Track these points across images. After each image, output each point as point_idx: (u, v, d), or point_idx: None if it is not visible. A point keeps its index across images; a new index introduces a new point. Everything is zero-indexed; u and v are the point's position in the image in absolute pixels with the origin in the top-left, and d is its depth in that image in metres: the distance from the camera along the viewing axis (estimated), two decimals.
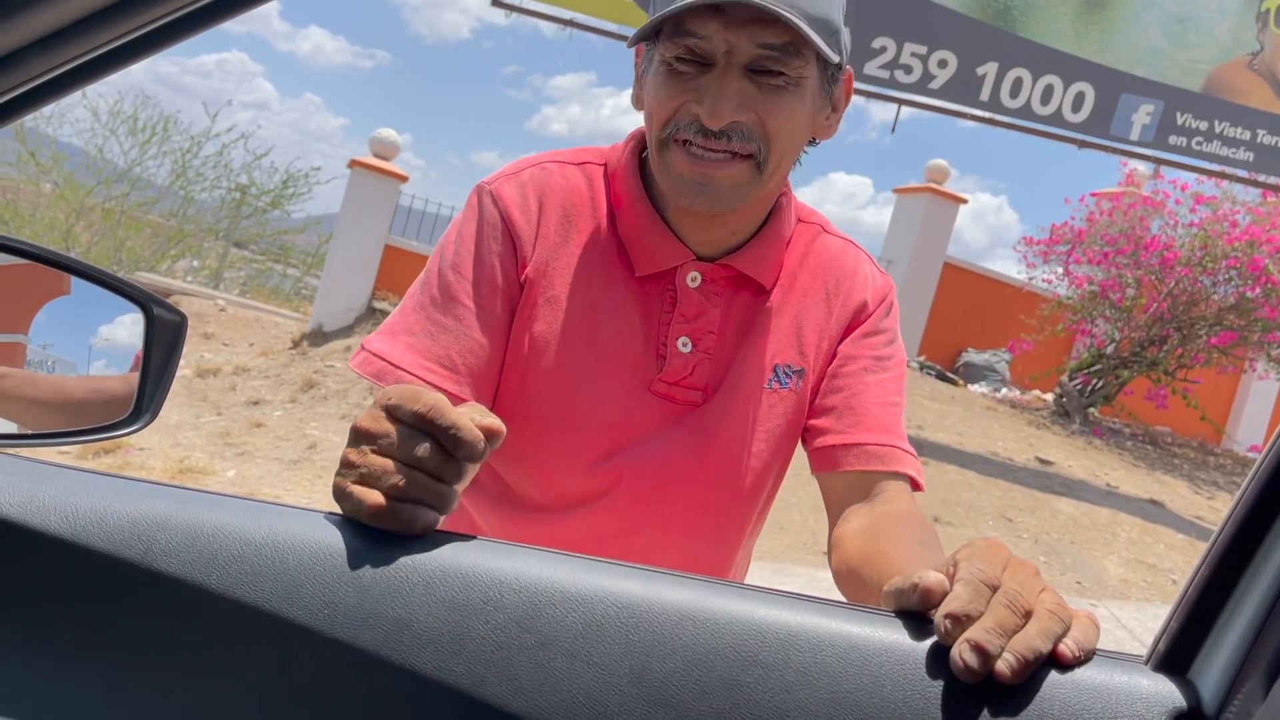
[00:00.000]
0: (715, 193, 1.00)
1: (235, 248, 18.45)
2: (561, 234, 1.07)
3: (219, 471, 5.97)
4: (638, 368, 1.07)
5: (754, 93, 0.97)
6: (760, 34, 0.95)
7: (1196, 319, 8.86)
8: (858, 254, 1.17)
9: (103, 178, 16.39)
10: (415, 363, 1.03)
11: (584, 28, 7.62)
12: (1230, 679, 0.57)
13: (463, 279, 1.06)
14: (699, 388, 1.08)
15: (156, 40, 0.62)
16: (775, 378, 1.09)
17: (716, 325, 1.08)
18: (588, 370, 1.05)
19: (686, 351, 1.07)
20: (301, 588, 0.60)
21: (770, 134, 0.99)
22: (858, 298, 1.14)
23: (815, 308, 1.12)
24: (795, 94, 0.99)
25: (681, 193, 1.01)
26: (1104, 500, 6.98)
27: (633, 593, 0.60)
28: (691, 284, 1.07)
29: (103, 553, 0.61)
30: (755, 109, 0.98)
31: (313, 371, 7.86)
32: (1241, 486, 0.60)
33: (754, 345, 1.09)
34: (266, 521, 0.63)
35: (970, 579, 0.61)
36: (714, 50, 0.96)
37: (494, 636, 0.59)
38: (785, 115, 0.99)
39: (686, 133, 0.99)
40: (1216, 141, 7.53)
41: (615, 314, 1.06)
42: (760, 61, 0.96)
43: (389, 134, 9.12)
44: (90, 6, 0.57)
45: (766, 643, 0.59)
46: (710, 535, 1.12)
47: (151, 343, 0.85)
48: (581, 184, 1.10)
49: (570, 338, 1.06)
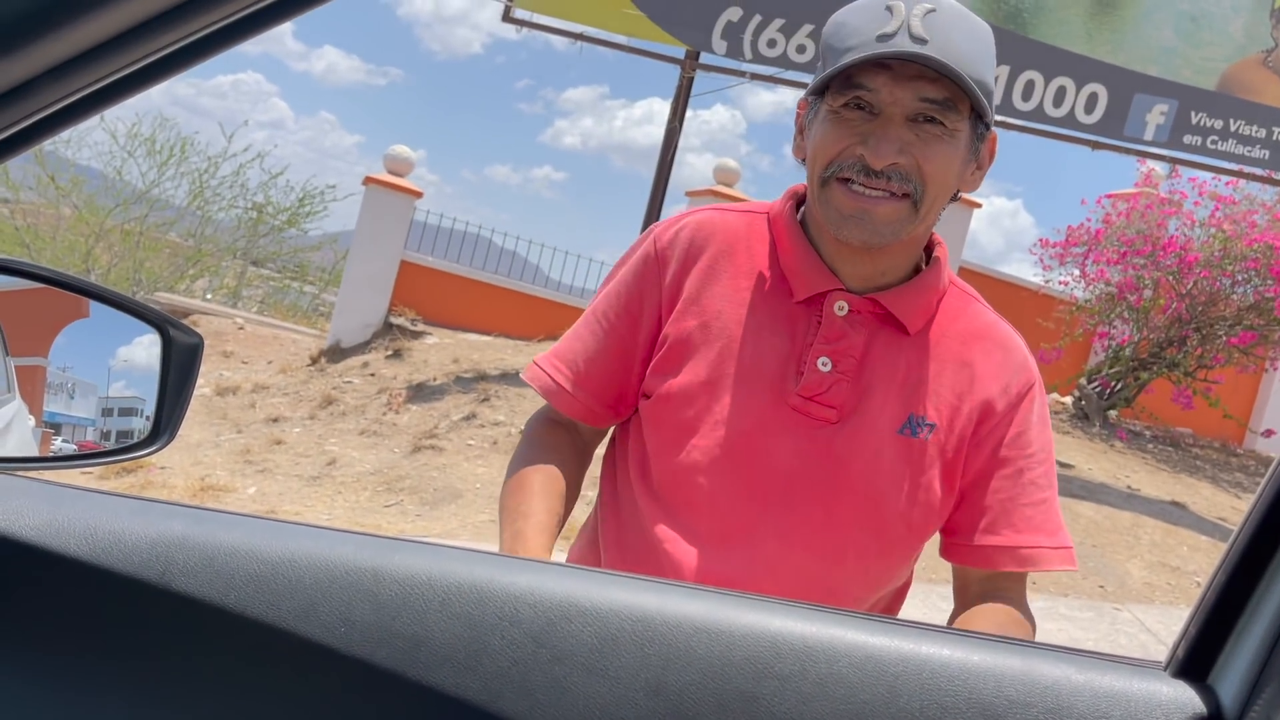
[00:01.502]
0: (872, 225, 1.09)
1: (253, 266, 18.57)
2: (715, 268, 1.19)
3: (240, 489, 6.00)
4: (777, 382, 1.14)
5: (913, 139, 1.07)
6: (924, 89, 1.05)
7: (1216, 319, 8.79)
8: (1013, 333, 1.24)
9: (121, 199, 16.54)
10: (548, 360, 1.26)
11: (594, 41, 7.66)
12: (1250, 684, 0.56)
13: (610, 303, 1.24)
14: (834, 405, 1.14)
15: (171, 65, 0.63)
16: (908, 425, 1.15)
17: (857, 352, 1.14)
18: (730, 379, 1.15)
19: (825, 371, 1.13)
20: (318, 605, 0.61)
21: (926, 177, 1.08)
22: (1007, 376, 1.19)
23: (958, 369, 1.17)
24: (950, 143, 1.08)
25: (840, 225, 1.11)
26: (1125, 503, 6.92)
27: (647, 606, 0.61)
28: (839, 311, 1.15)
29: (123, 574, 0.61)
30: (914, 153, 1.07)
31: (331, 387, 7.89)
32: (1258, 492, 0.59)
33: (892, 384, 1.15)
34: (283, 540, 0.64)
35: None
36: (880, 101, 1.07)
37: (510, 652, 0.59)
38: (940, 161, 1.08)
39: (849, 171, 1.08)
40: (1232, 140, 7.47)
41: (761, 333, 1.16)
42: (921, 112, 1.06)
43: (403, 150, 9.17)
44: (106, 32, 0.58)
45: (782, 654, 0.59)
46: (831, 555, 1.16)
47: (169, 364, 0.86)
48: (740, 226, 1.22)
49: (717, 353, 1.15)
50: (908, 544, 1.19)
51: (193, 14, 0.57)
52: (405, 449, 6.63)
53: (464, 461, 6.29)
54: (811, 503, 1.14)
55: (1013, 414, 1.18)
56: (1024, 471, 1.17)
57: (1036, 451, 1.19)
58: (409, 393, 7.51)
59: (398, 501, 5.86)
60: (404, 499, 5.87)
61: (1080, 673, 0.58)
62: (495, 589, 0.61)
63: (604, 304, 1.24)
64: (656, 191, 8.00)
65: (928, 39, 1.03)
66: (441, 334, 8.89)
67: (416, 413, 7.16)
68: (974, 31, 1.08)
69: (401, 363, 8.16)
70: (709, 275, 1.18)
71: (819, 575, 1.16)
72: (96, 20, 0.54)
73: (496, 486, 5.84)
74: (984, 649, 0.60)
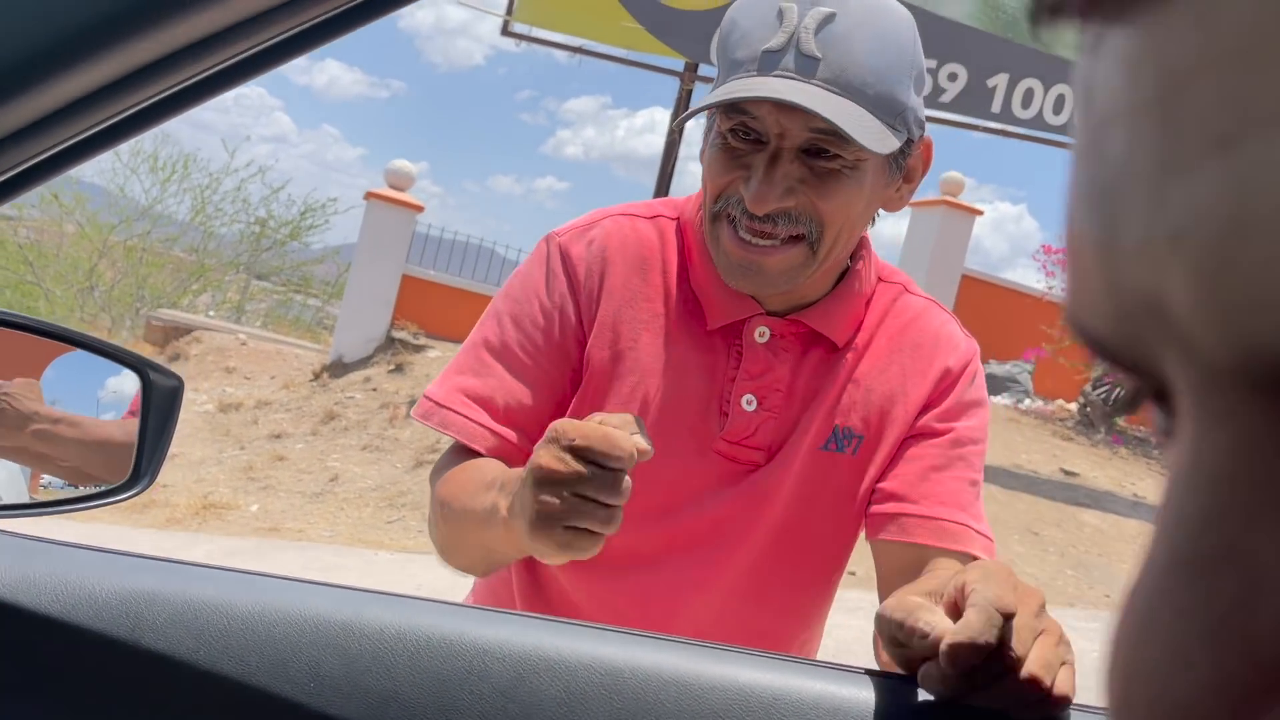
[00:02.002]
0: (764, 277, 0.97)
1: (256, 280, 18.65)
2: (629, 289, 1.05)
3: (242, 506, 6.01)
4: (699, 426, 1.03)
5: (806, 175, 0.93)
6: (812, 119, 0.90)
7: None
8: (941, 315, 1.12)
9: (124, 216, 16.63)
10: (459, 400, 1.04)
11: (593, 54, 7.69)
12: None
13: (518, 328, 1.05)
14: (762, 448, 1.04)
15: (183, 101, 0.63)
16: (833, 439, 1.04)
17: (784, 384, 1.04)
18: (650, 425, 1.01)
19: (750, 410, 1.02)
20: (289, 661, 0.61)
21: (823, 218, 0.95)
22: (940, 364, 1.08)
23: (889, 372, 1.07)
24: (851, 178, 0.94)
25: (729, 273, 0.99)
26: (1131, 511, 6.90)
27: (615, 659, 0.60)
28: (759, 339, 1.03)
29: (93, 630, 0.62)
30: (807, 193, 0.94)
31: (333, 403, 7.91)
32: None
33: (821, 406, 1.05)
34: (254, 594, 0.64)
35: (984, 605, 0.61)
36: (766, 130, 0.93)
37: (478, 707, 0.59)
38: (839, 199, 0.94)
39: (735, 209, 0.96)
40: None
41: (678, 370, 1.03)
42: (814, 143, 0.92)
43: (403, 165, 9.20)
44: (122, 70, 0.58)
45: (750, 707, 0.58)
46: (757, 596, 1.08)
47: (149, 407, 0.86)
48: (653, 238, 1.07)
49: (631, 393, 1.03)
50: (832, 566, 1.10)
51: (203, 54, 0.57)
52: (407, 464, 6.63)
53: None
54: (736, 547, 1.05)
55: (945, 394, 1.07)
56: (956, 444, 1.06)
57: (968, 428, 1.07)
58: (410, 408, 7.52)
59: (400, 518, 5.87)
60: (406, 515, 5.87)
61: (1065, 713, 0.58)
62: (464, 643, 0.61)
63: (515, 333, 1.05)
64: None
65: (820, 56, 0.89)
66: (444, 348, 8.90)
67: (419, 428, 7.16)
68: (882, 36, 0.92)
69: (404, 377, 8.17)
70: (622, 298, 1.05)
71: (749, 618, 1.08)
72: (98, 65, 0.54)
73: None
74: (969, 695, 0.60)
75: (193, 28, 0.55)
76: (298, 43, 0.60)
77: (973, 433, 1.07)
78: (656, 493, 1.03)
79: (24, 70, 0.53)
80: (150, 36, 0.54)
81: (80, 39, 0.53)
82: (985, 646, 0.58)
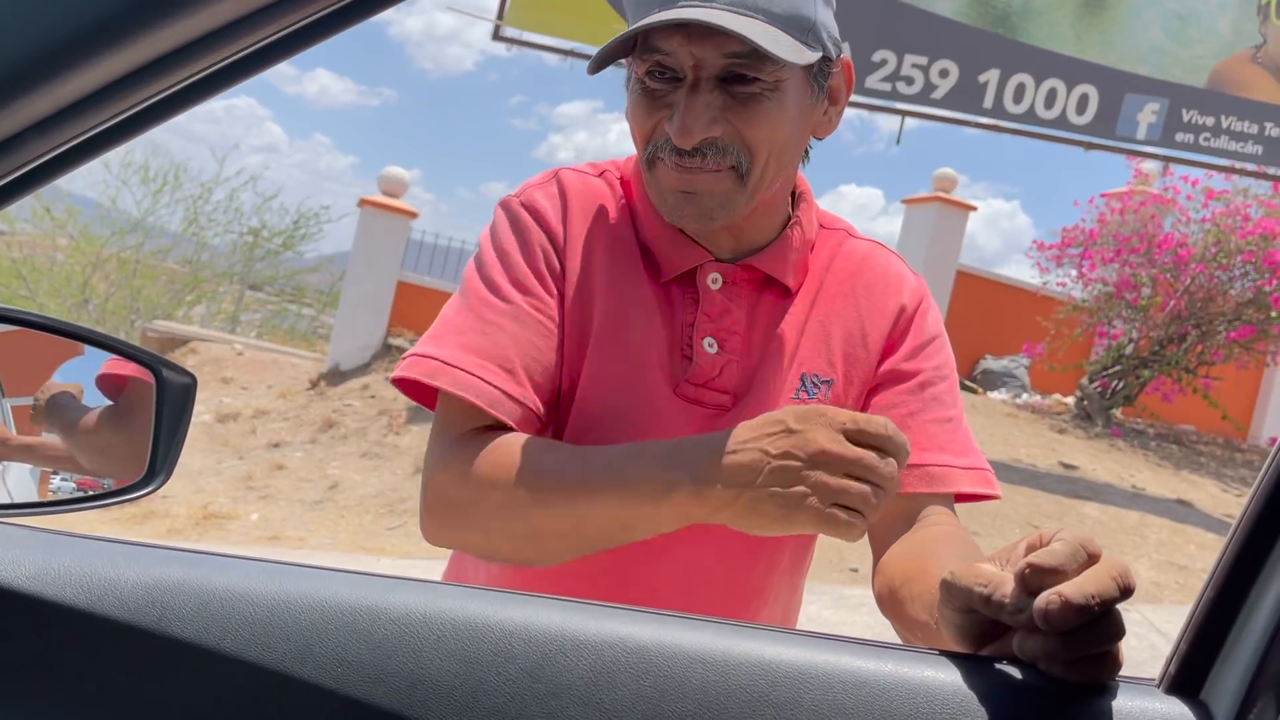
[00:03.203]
0: (701, 202, 0.96)
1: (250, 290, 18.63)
2: (590, 238, 1.04)
3: (242, 515, 6.00)
4: (664, 370, 1.03)
5: (728, 103, 0.93)
6: (725, 43, 0.90)
7: (1215, 315, 8.80)
8: (887, 255, 1.12)
9: (117, 228, 16.61)
10: (470, 360, 0.97)
11: (584, 57, 7.69)
12: (1242, 699, 0.56)
13: (508, 284, 1.02)
14: (727, 390, 1.03)
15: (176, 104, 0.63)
16: (803, 387, 1.05)
17: (741, 327, 1.04)
18: (615, 372, 1.02)
19: (713, 352, 1.03)
20: (314, 646, 0.61)
21: (751, 144, 0.95)
22: (894, 302, 1.09)
23: (845, 314, 1.07)
24: (773, 100, 0.94)
25: (671, 207, 0.98)
26: (1131, 503, 6.91)
27: (642, 637, 0.61)
28: (713, 285, 1.04)
29: (119, 621, 0.62)
30: (730, 120, 0.94)
31: (331, 411, 7.90)
32: (1244, 505, 0.59)
33: (781, 351, 1.05)
34: (278, 581, 0.64)
35: (1072, 541, 0.61)
36: (682, 65, 0.93)
37: (506, 688, 0.59)
38: (764, 124, 0.94)
39: (662, 151, 0.96)
40: (1224, 136, 7.50)
41: (640, 316, 1.03)
42: (731, 70, 0.92)
43: (397, 171, 9.20)
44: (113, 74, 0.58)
45: (777, 682, 0.59)
46: (743, 559, 1.07)
47: (162, 405, 0.86)
48: (604, 190, 1.07)
49: (600, 340, 1.02)
50: None
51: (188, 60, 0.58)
52: (407, 470, 6.63)
53: None
54: None
55: (905, 334, 1.08)
56: (925, 386, 1.06)
57: (939, 366, 1.08)
58: (409, 414, 7.51)
59: (401, 524, 5.86)
60: (407, 521, 5.86)
61: (1077, 691, 0.59)
62: (490, 625, 0.61)
63: (513, 288, 1.01)
64: None
65: None
66: None
67: (417, 434, 7.16)
68: None
69: None
70: (586, 246, 1.04)
71: (740, 579, 1.07)
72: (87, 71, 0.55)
73: None
74: (979, 671, 0.60)
75: (179, 32, 0.55)
76: (284, 46, 0.60)
77: (939, 370, 1.08)
78: (626, 435, 1.00)
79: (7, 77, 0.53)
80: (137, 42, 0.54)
81: (65, 46, 0.53)
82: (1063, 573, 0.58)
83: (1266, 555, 0.57)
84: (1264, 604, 0.57)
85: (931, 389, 1.07)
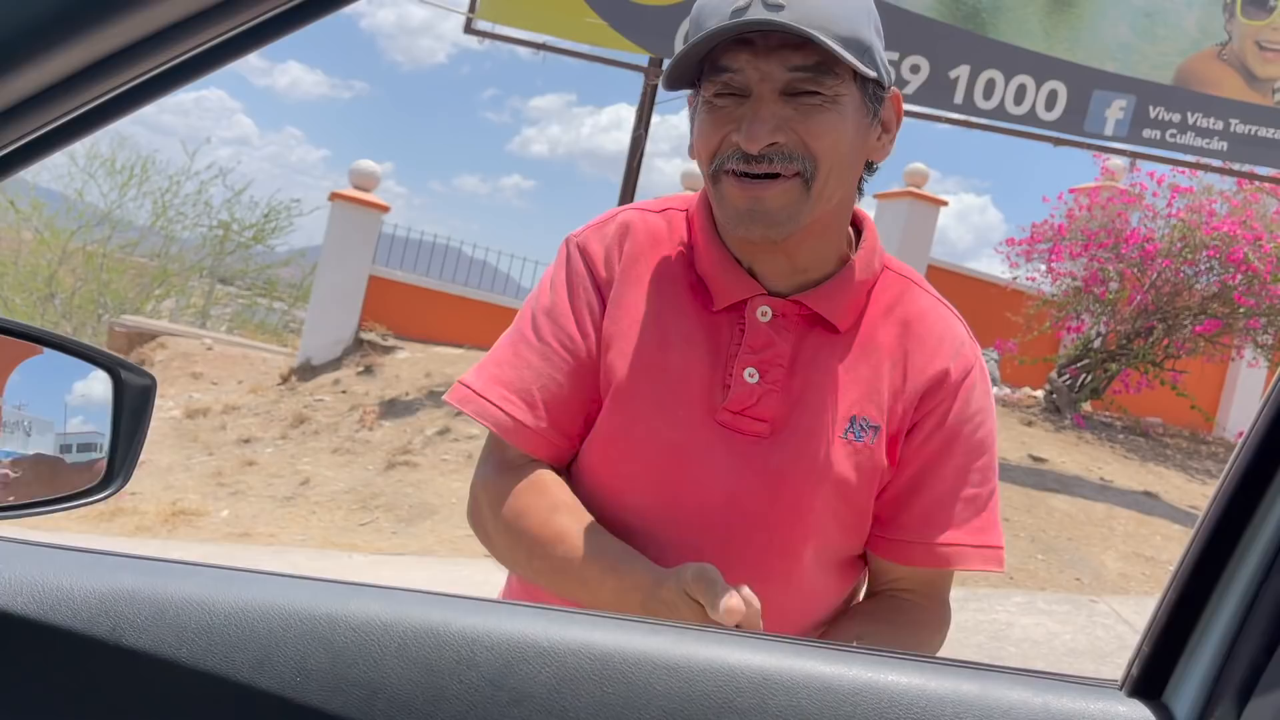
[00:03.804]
0: (767, 216, 1.02)
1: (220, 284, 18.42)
2: (639, 275, 1.11)
3: (212, 512, 5.94)
4: (703, 396, 1.08)
5: (791, 114, 1.00)
6: (789, 58, 0.98)
7: (1181, 309, 8.90)
8: (949, 316, 1.15)
9: (84, 221, 16.36)
10: (496, 392, 1.11)
11: (557, 50, 7.66)
12: (1204, 701, 0.57)
13: (551, 323, 1.12)
14: (765, 419, 1.07)
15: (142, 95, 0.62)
16: (852, 429, 1.08)
17: (785, 360, 1.08)
18: (653, 396, 1.08)
19: (753, 382, 1.07)
20: (272, 655, 0.60)
21: (814, 152, 1.01)
22: (939, 365, 1.11)
23: (893, 364, 1.10)
24: (834, 111, 1.01)
25: (736, 222, 1.04)
26: (1099, 495, 6.99)
27: (605, 644, 0.60)
28: (761, 318, 1.08)
29: (71, 631, 0.60)
30: (794, 129, 1.00)
31: (303, 406, 7.83)
32: (1205, 506, 0.60)
33: (827, 388, 1.08)
34: (236, 589, 0.63)
35: None
36: (748, 81, 1.00)
37: (468, 696, 0.59)
38: (826, 132, 1.01)
39: (731, 162, 1.02)
40: (1190, 133, 7.58)
41: (684, 345, 1.09)
42: (794, 84, 0.99)
43: (368, 165, 9.13)
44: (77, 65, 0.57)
45: (741, 688, 0.59)
46: (780, 576, 1.09)
47: (121, 406, 0.84)
48: (662, 228, 1.14)
49: (640, 366, 1.08)
50: (853, 548, 1.14)
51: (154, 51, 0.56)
52: (379, 466, 6.59)
53: (439, 477, 6.26)
54: (752, 524, 1.07)
55: (947, 403, 1.10)
56: (952, 463, 1.10)
57: (973, 444, 1.11)
58: (381, 409, 7.47)
59: (373, 520, 5.83)
60: (379, 517, 5.83)
61: (1037, 695, 0.59)
62: (451, 632, 0.61)
63: (548, 324, 1.12)
64: (625, 198, 8.01)
65: (783, 4, 0.96)
66: (413, 348, 8.85)
67: (389, 429, 7.12)
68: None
69: (373, 379, 8.11)
70: (634, 280, 1.11)
71: (769, 599, 1.08)
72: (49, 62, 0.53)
73: None
74: (941, 675, 0.60)
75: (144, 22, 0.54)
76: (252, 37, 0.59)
77: (974, 447, 1.12)
78: (663, 455, 1.07)
79: None
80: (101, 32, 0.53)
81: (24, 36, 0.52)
82: None
83: (1228, 558, 0.58)
84: (1226, 606, 0.57)
85: (958, 463, 1.10)
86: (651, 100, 7.91)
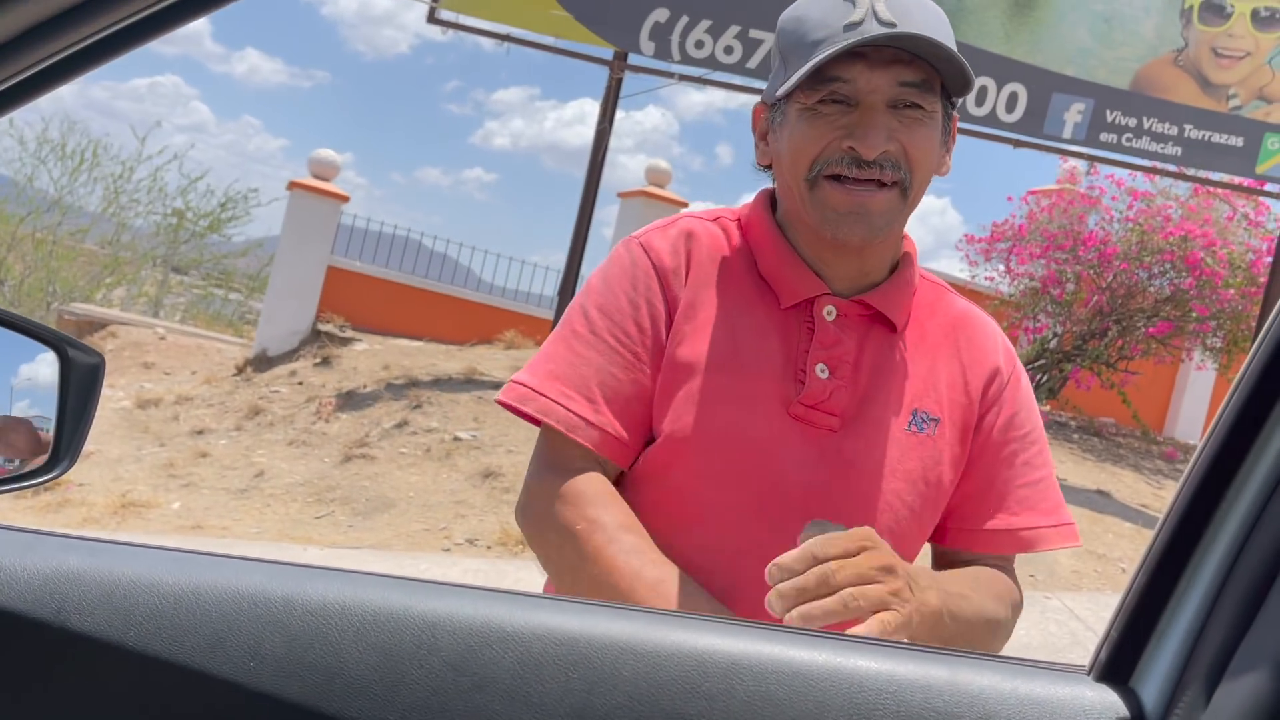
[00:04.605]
0: (870, 220, 1.07)
1: (174, 273, 18.12)
2: (707, 276, 1.15)
3: (163, 504, 5.84)
4: (777, 390, 1.11)
5: (897, 125, 1.06)
6: (901, 73, 1.04)
7: (1135, 311, 9.06)
8: (984, 317, 1.25)
9: (33, 207, 16.01)
10: (554, 388, 1.11)
11: (521, 42, 7.61)
12: (1172, 686, 0.57)
13: (608, 319, 1.13)
14: (836, 413, 1.11)
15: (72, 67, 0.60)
16: (914, 422, 1.14)
17: (852, 357, 1.13)
18: (729, 390, 1.10)
19: (824, 377, 1.11)
20: (225, 639, 0.58)
21: (913, 162, 1.08)
22: (991, 361, 1.19)
23: (948, 361, 1.18)
24: (931, 126, 1.08)
25: (838, 225, 1.08)
26: None
27: (570, 628, 0.59)
28: (828, 316, 1.13)
29: (13, 613, 0.58)
30: (899, 139, 1.06)
31: (258, 397, 7.72)
32: (1172, 496, 0.60)
33: (890, 383, 1.14)
34: (187, 571, 0.61)
35: (806, 549, 0.86)
36: (856, 91, 1.05)
37: (428, 681, 0.57)
38: (925, 144, 1.08)
39: (838, 167, 1.06)
40: (1146, 138, 7.70)
41: (757, 341, 1.13)
42: (901, 97, 1.05)
43: (328, 154, 9.01)
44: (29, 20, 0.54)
45: (709, 673, 0.57)
46: None
47: (68, 385, 0.82)
48: (719, 235, 1.19)
49: (714, 362, 1.11)
50: (919, 542, 1.19)
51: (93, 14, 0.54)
52: (336, 458, 6.51)
53: (396, 470, 6.19)
54: (825, 513, 1.08)
55: (1004, 397, 1.18)
56: (1019, 453, 1.18)
57: (1030, 431, 1.20)
58: (338, 401, 7.38)
59: (329, 513, 5.76)
60: (335, 510, 5.76)
61: (1005, 680, 0.58)
62: (411, 616, 0.59)
63: (605, 322, 1.13)
64: (588, 193, 7.98)
65: (896, 23, 1.03)
66: (371, 340, 8.75)
67: (347, 421, 7.04)
68: (935, 10, 1.08)
69: (330, 370, 8.01)
70: (703, 286, 1.15)
71: None
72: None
73: (430, 495, 5.77)
74: (910, 660, 0.59)
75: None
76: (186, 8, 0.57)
77: (1030, 436, 1.20)
78: (739, 448, 1.10)
79: None
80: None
81: None
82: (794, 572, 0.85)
83: (1196, 543, 0.57)
84: (1194, 592, 0.57)
85: (1024, 455, 1.18)
86: (616, 95, 7.88)
